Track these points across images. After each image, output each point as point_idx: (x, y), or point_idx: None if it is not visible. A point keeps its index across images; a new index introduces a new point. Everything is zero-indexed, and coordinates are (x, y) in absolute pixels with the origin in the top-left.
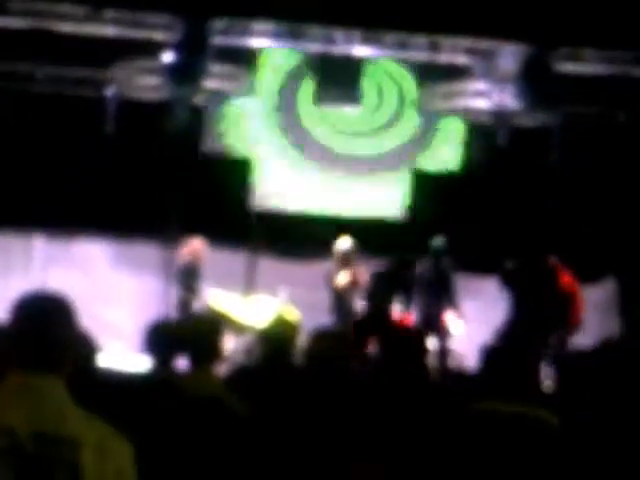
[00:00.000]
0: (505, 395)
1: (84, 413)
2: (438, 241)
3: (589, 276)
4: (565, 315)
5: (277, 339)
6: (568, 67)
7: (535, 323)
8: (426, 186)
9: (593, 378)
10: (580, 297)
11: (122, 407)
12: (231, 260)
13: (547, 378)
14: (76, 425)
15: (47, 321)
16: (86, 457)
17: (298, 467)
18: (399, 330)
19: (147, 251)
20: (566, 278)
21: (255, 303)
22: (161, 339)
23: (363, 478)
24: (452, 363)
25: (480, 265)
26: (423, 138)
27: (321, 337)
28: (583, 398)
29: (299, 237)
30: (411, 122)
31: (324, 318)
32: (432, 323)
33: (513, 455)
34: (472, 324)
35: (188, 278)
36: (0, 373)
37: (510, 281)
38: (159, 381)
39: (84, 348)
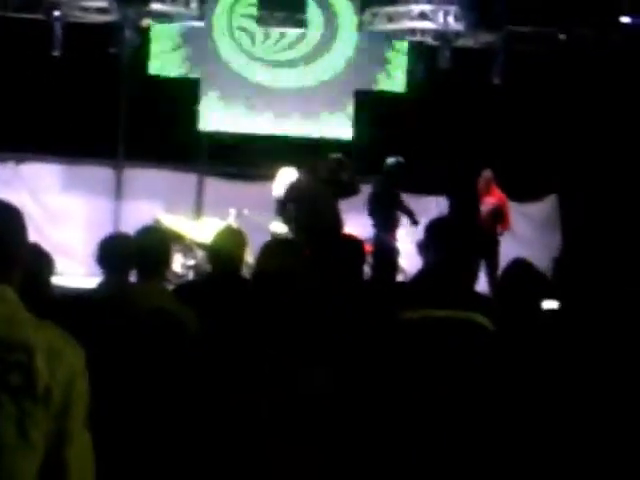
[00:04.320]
0: (439, 300)
1: (36, 319)
2: (393, 160)
3: (531, 194)
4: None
5: (223, 251)
6: None
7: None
8: (370, 107)
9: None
10: (507, 208)
11: (73, 320)
12: (180, 182)
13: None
14: (28, 330)
15: None
16: (39, 361)
17: (242, 377)
18: (341, 238)
19: (96, 173)
20: (496, 191)
21: (204, 224)
22: (114, 252)
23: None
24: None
25: (425, 185)
26: (366, 60)
27: (270, 246)
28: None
29: (247, 158)
30: (351, 44)
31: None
32: (386, 239)
33: (449, 359)
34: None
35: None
36: None
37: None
38: (108, 294)
39: (38, 260)
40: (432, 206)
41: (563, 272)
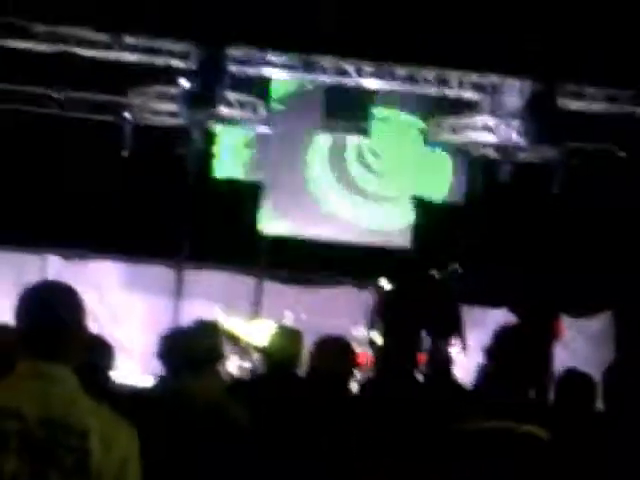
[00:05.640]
0: (498, 410)
1: (92, 401)
2: (453, 268)
3: (587, 309)
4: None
5: (278, 349)
6: (571, 104)
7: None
8: (429, 218)
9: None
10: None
11: (129, 411)
12: (239, 285)
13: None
14: (84, 413)
15: (56, 308)
16: (93, 444)
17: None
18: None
19: (158, 273)
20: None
21: (261, 327)
22: (172, 348)
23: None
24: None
25: (482, 296)
26: (428, 169)
27: (323, 346)
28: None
29: (306, 264)
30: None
31: None
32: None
33: (502, 471)
34: (474, 354)
35: None
36: (8, 363)
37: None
38: (166, 388)
39: (100, 349)
40: (485, 318)
41: (613, 379)
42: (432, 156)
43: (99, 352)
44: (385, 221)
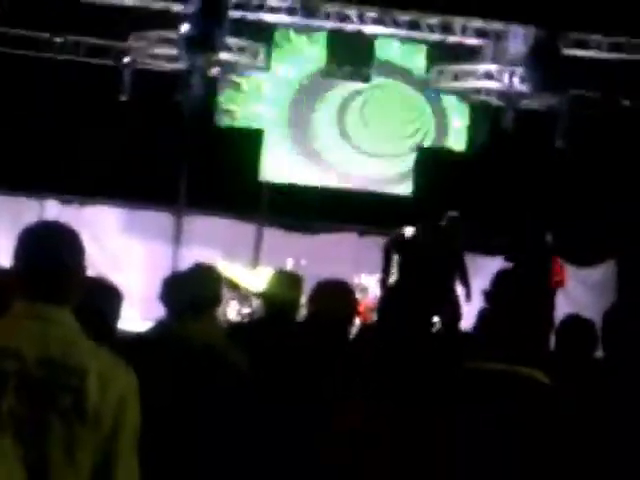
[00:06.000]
0: (498, 354)
1: (91, 342)
2: (453, 215)
3: (590, 258)
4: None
5: (277, 293)
6: (576, 52)
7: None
8: (431, 164)
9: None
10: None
11: (129, 355)
12: (239, 231)
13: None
14: (83, 353)
15: (55, 248)
16: (91, 384)
17: (287, 418)
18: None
19: (157, 218)
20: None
21: (261, 273)
22: (171, 292)
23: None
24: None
25: (482, 246)
26: (430, 117)
27: (323, 290)
28: (577, 354)
29: (306, 210)
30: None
31: None
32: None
33: (505, 413)
34: (475, 301)
35: None
36: (5, 304)
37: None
38: (164, 331)
39: (106, 292)
40: (488, 265)
41: (612, 325)
42: (435, 103)
43: (106, 296)
44: (386, 170)
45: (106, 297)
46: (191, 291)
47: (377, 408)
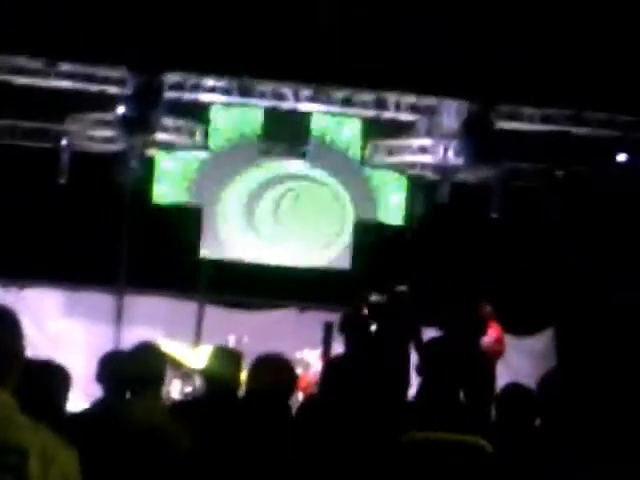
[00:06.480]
0: (442, 424)
1: (30, 421)
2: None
3: (528, 327)
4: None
5: (217, 372)
6: (508, 124)
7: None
8: (369, 239)
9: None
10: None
11: (71, 437)
12: (180, 310)
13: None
14: (23, 433)
15: None
16: (32, 464)
17: None
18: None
19: (98, 299)
20: (494, 325)
21: (203, 352)
22: (113, 370)
23: None
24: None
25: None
26: (367, 191)
27: (260, 364)
28: (518, 427)
29: (247, 287)
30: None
31: None
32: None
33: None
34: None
35: None
36: None
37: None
38: (105, 409)
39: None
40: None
41: (546, 391)
42: (370, 178)
43: (54, 377)
44: (325, 245)
45: (54, 378)
46: (136, 369)
47: None
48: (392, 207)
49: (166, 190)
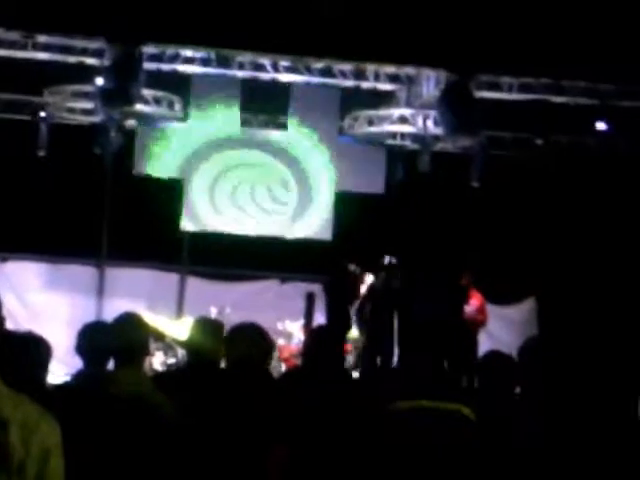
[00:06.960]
0: (426, 392)
1: (12, 393)
2: (390, 260)
3: (509, 296)
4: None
5: (198, 343)
6: (487, 94)
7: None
8: (350, 209)
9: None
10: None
11: (53, 409)
12: (162, 282)
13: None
14: (3, 404)
15: None
16: (13, 435)
17: (213, 463)
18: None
19: (79, 271)
20: (475, 294)
21: (185, 323)
22: (93, 341)
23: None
24: None
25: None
26: (346, 162)
27: (234, 334)
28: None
29: (228, 258)
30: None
31: None
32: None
33: (436, 448)
34: None
35: None
36: None
37: None
38: (86, 381)
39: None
40: None
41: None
42: (350, 149)
43: (35, 348)
44: (307, 216)
45: (35, 349)
46: (119, 339)
47: (301, 453)
48: (372, 176)
49: (146, 162)
